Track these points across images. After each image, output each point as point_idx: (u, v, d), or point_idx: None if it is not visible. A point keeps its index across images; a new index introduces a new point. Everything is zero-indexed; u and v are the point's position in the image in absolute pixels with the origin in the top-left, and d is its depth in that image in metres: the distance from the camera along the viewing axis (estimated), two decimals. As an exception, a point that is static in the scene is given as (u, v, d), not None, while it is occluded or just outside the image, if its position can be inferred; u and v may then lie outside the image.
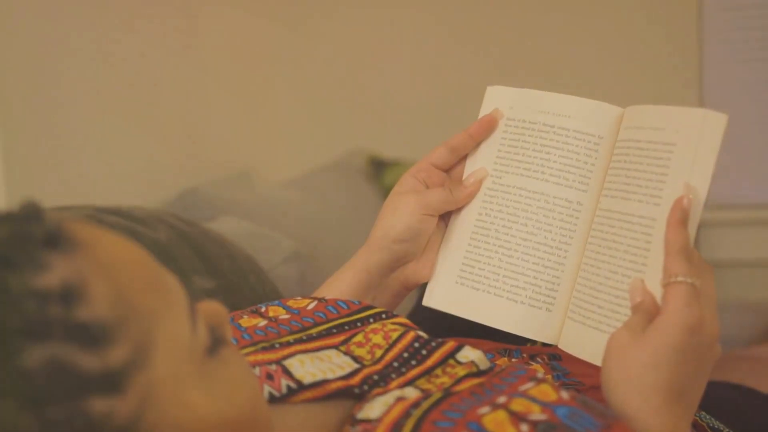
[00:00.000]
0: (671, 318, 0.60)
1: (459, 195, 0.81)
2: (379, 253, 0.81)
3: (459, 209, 0.83)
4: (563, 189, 0.77)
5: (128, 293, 0.42)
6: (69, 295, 0.40)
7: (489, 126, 0.82)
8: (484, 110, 0.83)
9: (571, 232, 0.77)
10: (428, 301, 0.83)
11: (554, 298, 0.77)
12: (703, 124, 0.66)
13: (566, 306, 0.76)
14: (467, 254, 0.81)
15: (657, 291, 0.65)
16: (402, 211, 0.80)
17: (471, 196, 0.82)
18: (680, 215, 0.64)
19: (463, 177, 0.83)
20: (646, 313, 0.63)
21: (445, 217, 0.84)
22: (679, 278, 0.61)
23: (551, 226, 0.77)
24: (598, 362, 0.66)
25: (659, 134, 0.69)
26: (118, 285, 0.42)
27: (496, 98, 0.83)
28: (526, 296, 0.77)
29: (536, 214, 0.78)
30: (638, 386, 0.60)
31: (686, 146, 0.67)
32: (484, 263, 0.80)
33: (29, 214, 0.42)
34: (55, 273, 0.40)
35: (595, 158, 0.77)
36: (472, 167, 0.83)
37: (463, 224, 0.82)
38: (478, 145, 0.82)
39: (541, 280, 0.77)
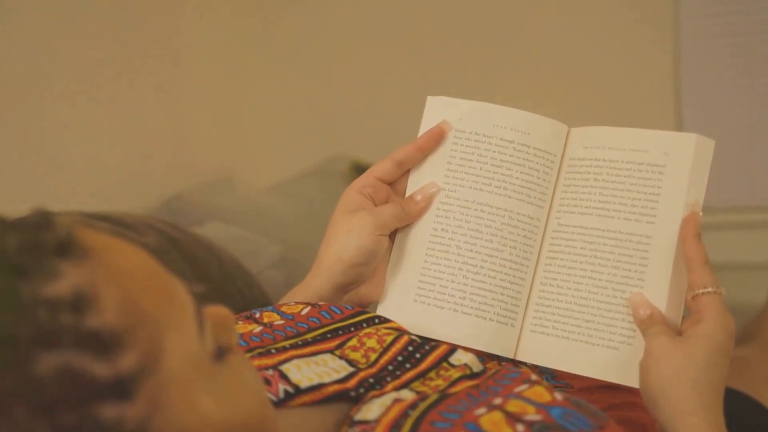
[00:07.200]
0: (715, 325, 0.66)
1: (411, 211, 0.78)
2: (331, 279, 0.76)
3: (409, 225, 0.79)
4: (525, 205, 0.77)
5: (138, 301, 0.43)
6: (80, 302, 0.41)
7: (438, 138, 0.79)
8: (427, 121, 0.80)
9: (531, 248, 0.77)
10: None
11: (516, 313, 0.77)
12: (696, 148, 0.71)
13: (524, 320, 0.77)
14: (424, 271, 0.78)
15: (660, 303, 0.70)
16: (356, 232, 0.75)
17: (424, 212, 0.78)
18: (695, 230, 0.69)
19: (408, 190, 0.80)
20: (663, 323, 0.68)
21: (392, 234, 0.80)
22: (710, 289, 0.67)
23: (516, 242, 0.77)
24: (589, 373, 0.72)
25: (642, 156, 0.73)
26: (127, 292, 0.43)
27: (440, 109, 0.80)
28: (494, 313, 0.76)
29: (501, 230, 0.77)
30: (695, 386, 0.65)
31: (679, 168, 0.71)
32: (447, 280, 0.77)
33: (40, 221, 0.42)
34: (66, 281, 0.41)
35: (552, 175, 0.78)
36: (418, 180, 0.80)
37: (416, 241, 0.79)
38: (424, 157, 0.80)
39: (507, 296, 0.77)
